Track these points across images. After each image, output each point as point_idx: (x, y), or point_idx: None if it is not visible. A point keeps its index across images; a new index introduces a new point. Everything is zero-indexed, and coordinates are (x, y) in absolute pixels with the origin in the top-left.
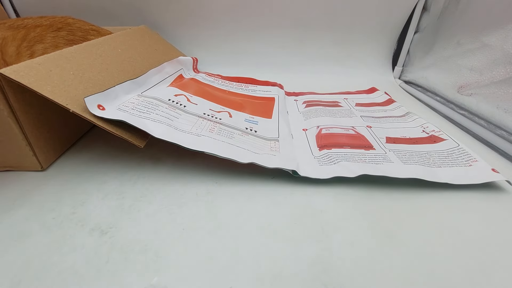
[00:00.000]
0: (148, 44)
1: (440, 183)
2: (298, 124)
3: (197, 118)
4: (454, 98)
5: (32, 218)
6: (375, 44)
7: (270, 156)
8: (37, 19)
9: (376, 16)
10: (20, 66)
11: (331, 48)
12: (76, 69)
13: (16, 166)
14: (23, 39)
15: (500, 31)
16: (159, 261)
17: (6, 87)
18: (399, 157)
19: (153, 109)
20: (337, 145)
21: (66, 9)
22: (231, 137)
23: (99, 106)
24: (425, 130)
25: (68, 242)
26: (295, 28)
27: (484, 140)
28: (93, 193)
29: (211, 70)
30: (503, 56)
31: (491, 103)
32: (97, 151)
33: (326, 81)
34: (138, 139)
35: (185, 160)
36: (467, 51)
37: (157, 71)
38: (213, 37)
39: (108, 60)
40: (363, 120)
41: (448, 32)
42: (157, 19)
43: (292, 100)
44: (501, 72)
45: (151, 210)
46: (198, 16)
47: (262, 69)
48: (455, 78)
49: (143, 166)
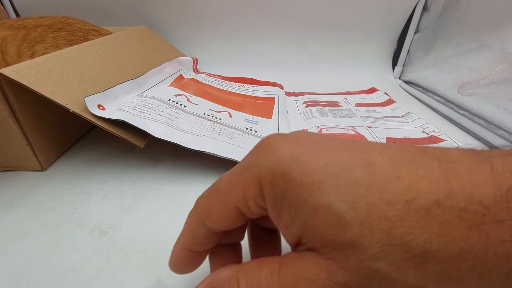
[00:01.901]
0: (148, 44)
1: None
2: (298, 124)
3: (197, 118)
4: (454, 98)
5: (32, 218)
6: (375, 44)
7: None
8: (37, 19)
9: (376, 16)
10: (20, 66)
11: (331, 48)
12: (76, 69)
13: (16, 166)
14: (23, 39)
15: (500, 31)
16: (159, 261)
17: (6, 87)
18: None
19: (153, 109)
20: None
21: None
22: (231, 137)
23: (99, 106)
24: (425, 130)
25: (68, 242)
26: (295, 29)
27: (484, 140)
28: (93, 193)
29: (211, 70)
30: (503, 56)
31: (491, 103)
32: (97, 151)
33: (326, 81)
34: (138, 139)
35: (185, 160)
36: (467, 51)
37: (157, 71)
38: (213, 37)
39: (108, 60)
40: (363, 120)
41: (448, 32)
42: (157, 19)
43: (292, 100)
44: (501, 72)
45: (151, 210)
46: (198, 16)
47: (262, 69)
48: (455, 78)
49: (143, 166)
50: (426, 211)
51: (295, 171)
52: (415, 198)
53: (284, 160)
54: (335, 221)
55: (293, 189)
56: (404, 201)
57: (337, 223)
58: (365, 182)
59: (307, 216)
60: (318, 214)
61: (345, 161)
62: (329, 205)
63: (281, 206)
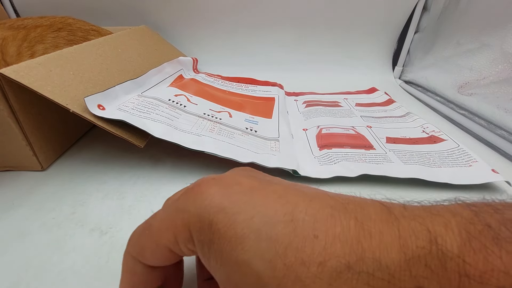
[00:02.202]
0: (148, 44)
1: (439, 183)
2: (298, 124)
3: (197, 118)
4: (454, 98)
5: (32, 217)
6: (375, 44)
7: (271, 156)
8: (37, 19)
9: (376, 16)
10: (20, 66)
11: (331, 48)
12: (76, 69)
13: (16, 166)
14: (23, 39)
15: (500, 31)
16: None
17: (6, 87)
18: (399, 157)
19: (153, 109)
20: (337, 145)
21: (66, 9)
22: (231, 137)
23: (99, 106)
24: (425, 130)
25: (68, 242)
26: (295, 28)
27: (484, 140)
28: (93, 193)
29: (211, 69)
30: (503, 56)
31: (491, 103)
32: (97, 151)
33: (326, 81)
34: (138, 139)
35: (185, 160)
36: (467, 51)
37: (157, 71)
38: (213, 37)
39: (108, 60)
40: (363, 120)
41: (448, 32)
42: (157, 19)
43: (292, 100)
44: (501, 71)
45: (151, 210)
46: (198, 16)
47: (262, 69)
48: (455, 78)
49: (143, 166)
50: (337, 274)
51: (221, 222)
52: (329, 260)
53: (212, 208)
54: (254, 280)
55: (218, 241)
56: (318, 263)
57: (256, 282)
58: (285, 240)
59: (230, 269)
60: (239, 270)
61: (270, 215)
62: (248, 263)
63: (208, 253)
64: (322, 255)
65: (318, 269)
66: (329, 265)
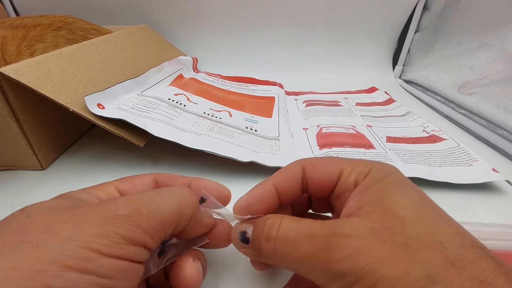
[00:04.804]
0: (148, 43)
1: (440, 183)
2: (299, 123)
3: (197, 117)
4: (455, 97)
5: None
6: (375, 43)
7: (271, 155)
8: (37, 18)
9: (376, 15)
10: (19, 65)
11: (331, 47)
12: (76, 68)
13: (15, 165)
14: (23, 38)
15: (500, 30)
16: None
17: (6, 86)
18: (399, 156)
19: (153, 108)
20: (337, 144)
21: (66, 8)
22: (231, 136)
23: (99, 105)
24: (425, 129)
25: None
26: (295, 28)
27: (485, 140)
28: None
29: (211, 69)
30: (503, 55)
31: (491, 102)
32: (97, 150)
33: (326, 80)
34: (138, 138)
35: (185, 160)
36: (468, 51)
37: (157, 70)
38: (213, 36)
39: (108, 59)
40: (363, 120)
41: (449, 31)
42: (157, 18)
43: (292, 99)
44: (501, 71)
45: None
46: (198, 15)
47: (262, 69)
48: (455, 77)
49: (143, 165)
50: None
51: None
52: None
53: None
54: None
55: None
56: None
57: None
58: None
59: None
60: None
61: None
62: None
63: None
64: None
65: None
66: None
